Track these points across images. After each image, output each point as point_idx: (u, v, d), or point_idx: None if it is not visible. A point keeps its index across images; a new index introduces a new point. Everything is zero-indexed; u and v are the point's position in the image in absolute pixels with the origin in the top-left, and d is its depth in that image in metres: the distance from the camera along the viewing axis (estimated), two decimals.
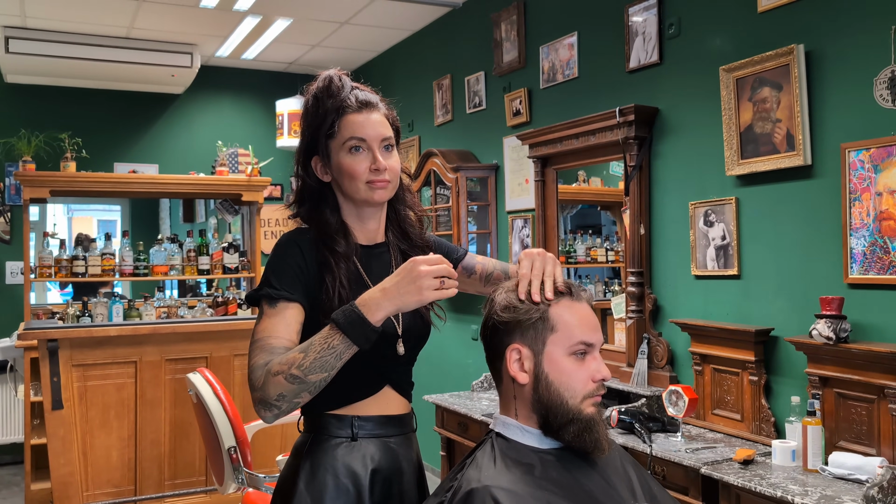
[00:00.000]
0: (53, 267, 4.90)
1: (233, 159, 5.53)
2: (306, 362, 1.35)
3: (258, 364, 1.40)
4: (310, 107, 1.58)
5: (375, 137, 1.55)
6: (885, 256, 2.46)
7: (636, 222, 3.37)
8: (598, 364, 1.38)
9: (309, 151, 1.59)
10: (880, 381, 2.38)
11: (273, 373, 1.36)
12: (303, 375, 1.34)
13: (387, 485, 1.55)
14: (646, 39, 3.40)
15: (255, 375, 1.39)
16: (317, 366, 1.34)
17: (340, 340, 1.35)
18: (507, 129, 4.42)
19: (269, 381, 1.36)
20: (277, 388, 1.36)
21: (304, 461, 1.53)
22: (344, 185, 1.56)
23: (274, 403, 1.36)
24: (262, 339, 1.44)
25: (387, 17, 5.12)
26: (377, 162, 1.53)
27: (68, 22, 5.13)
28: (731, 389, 2.92)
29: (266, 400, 1.37)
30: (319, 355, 1.35)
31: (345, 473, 1.51)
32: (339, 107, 1.54)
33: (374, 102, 1.58)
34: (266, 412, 1.38)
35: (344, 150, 1.54)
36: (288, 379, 1.35)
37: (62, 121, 5.72)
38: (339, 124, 1.54)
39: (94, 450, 3.74)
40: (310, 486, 1.50)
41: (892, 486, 2.14)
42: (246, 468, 2.87)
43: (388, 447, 1.56)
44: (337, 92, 1.55)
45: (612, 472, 1.38)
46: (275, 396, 1.36)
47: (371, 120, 1.55)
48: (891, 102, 2.45)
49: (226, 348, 3.95)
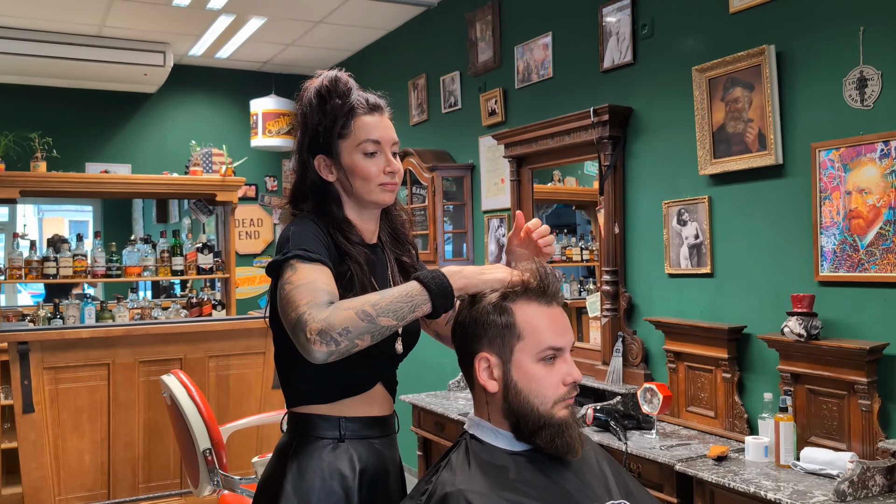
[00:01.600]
0: (24, 268, 4.83)
1: (207, 159, 5.49)
2: (382, 303, 1.32)
3: (313, 301, 1.33)
4: (315, 105, 1.57)
5: (388, 140, 1.57)
6: (855, 254, 2.49)
7: (610, 221, 3.39)
8: (569, 367, 1.38)
9: (313, 149, 1.58)
10: (850, 377, 2.41)
11: (343, 308, 1.32)
12: (375, 314, 1.31)
13: (373, 486, 1.55)
14: (620, 40, 3.42)
15: (314, 310, 1.31)
16: (391, 310, 1.32)
17: (422, 295, 1.34)
18: (483, 129, 4.43)
19: (337, 313, 1.31)
20: (345, 321, 1.30)
21: (291, 462, 1.52)
22: (356, 186, 1.56)
23: (335, 337, 1.29)
24: (307, 282, 1.37)
25: (361, 16, 5.11)
26: (392, 164, 1.56)
27: (38, 20, 5.05)
28: (704, 387, 2.95)
29: (328, 331, 1.29)
30: (396, 300, 1.33)
31: (332, 475, 1.50)
32: (350, 107, 1.55)
33: (382, 106, 1.60)
34: (323, 346, 1.29)
35: (358, 152, 1.54)
36: (359, 314, 1.31)
37: (32, 120, 5.64)
38: (353, 126, 1.55)
39: (67, 453, 3.69)
40: (297, 488, 1.49)
41: (862, 480, 2.17)
42: (221, 470, 2.85)
43: (373, 448, 1.57)
44: (346, 93, 1.56)
45: (587, 470, 1.39)
46: (340, 329, 1.29)
47: (384, 123, 1.58)
48: (860, 102, 2.48)
49: (200, 349, 3.92)
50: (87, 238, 5.30)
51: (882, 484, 2.20)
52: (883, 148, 2.40)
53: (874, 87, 2.44)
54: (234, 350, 3.99)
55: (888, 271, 2.41)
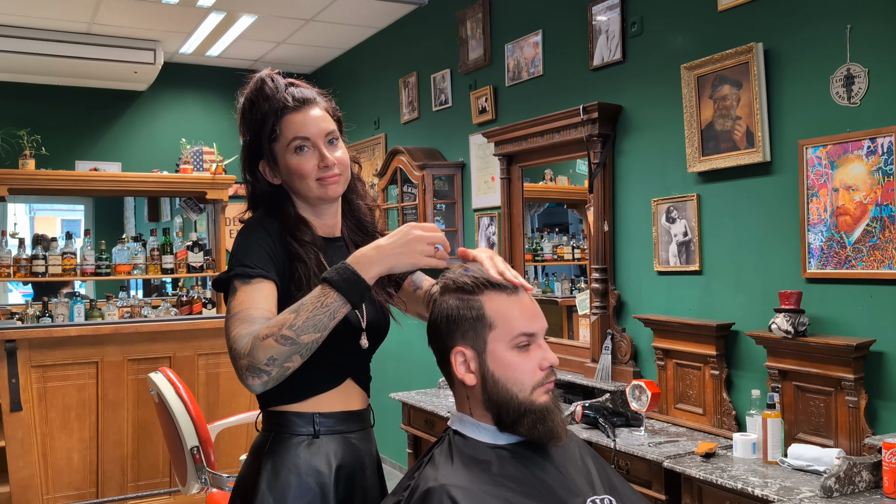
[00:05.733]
0: (12, 266, 4.81)
1: (197, 157, 5.47)
2: (298, 322, 1.31)
3: (241, 333, 1.35)
4: (247, 111, 1.55)
5: (318, 134, 1.53)
6: (842, 251, 2.50)
7: (600, 219, 3.39)
8: (544, 351, 1.38)
9: (253, 157, 1.57)
10: (837, 373, 2.42)
11: (262, 337, 1.31)
12: (295, 336, 1.30)
13: (350, 481, 1.54)
14: (609, 38, 3.42)
15: (240, 344, 1.33)
16: (309, 325, 1.31)
17: (335, 298, 1.32)
18: (473, 127, 4.43)
19: (257, 346, 1.31)
20: (267, 351, 1.30)
21: (266, 461, 1.51)
22: (295, 186, 1.54)
23: (263, 369, 1.31)
24: (241, 310, 1.39)
25: (352, 14, 5.10)
26: (325, 158, 1.52)
27: (27, 17, 5.03)
28: (693, 384, 2.96)
29: (255, 365, 1.31)
30: (312, 314, 1.31)
31: (308, 472, 1.49)
32: (277, 108, 1.52)
33: (311, 98, 1.56)
34: (254, 379, 1.32)
35: (289, 152, 1.52)
36: (279, 340, 1.30)
37: (21, 117, 5.61)
38: (280, 126, 1.52)
39: (55, 452, 3.67)
40: (272, 487, 1.48)
41: (849, 476, 2.18)
42: (209, 468, 2.84)
43: (349, 443, 1.56)
44: (272, 93, 1.53)
45: (570, 464, 1.39)
46: (265, 360, 1.30)
47: (311, 116, 1.54)
48: (847, 100, 2.49)
49: (189, 348, 3.91)
50: (79, 237, 5.27)
51: (868, 480, 2.20)
52: (870, 145, 2.41)
53: (861, 84, 2.44)
54: (223, 348, 3.92)
55: (875, 268, 2.41)
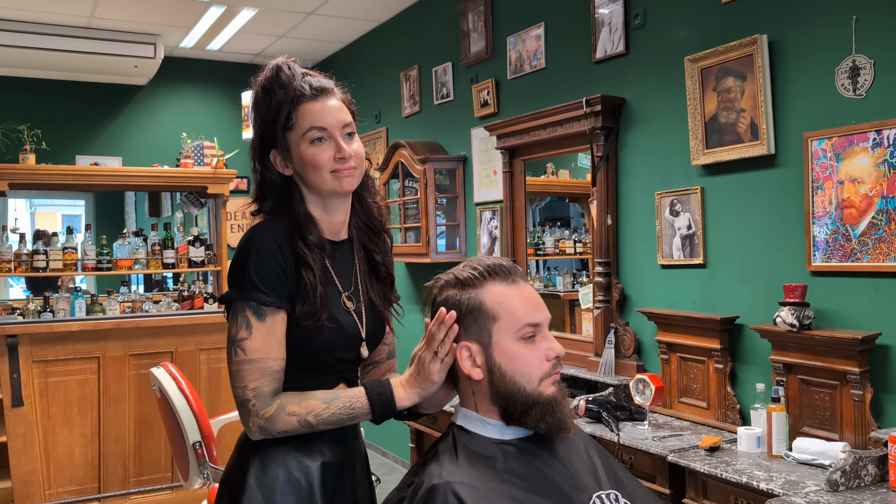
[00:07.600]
0: (13, 261, 4.79)
1: (198, 152, 5.45)
2: (324, 414, 1.41)
3: (264, 392, 1.42)
4: (260, 99, 1.51)
5: (336, 125, 1.49)
6: (847, 244, 2.49)
7: (603, 212, 3.38)
8: (550, 342, 1.36)
9: (265, 145, 1.52)
10: (842, 367, 2.41)
11: (288, 412, 1.41)
12: (315, 423, 1.41)
13: (338, 477, 1.53)
14: (612, 30, 3.40)
15: (261, 403, 1.41)
16: (332, 420, 1.42)
17: (364, 409, 1.42)
18: (475, 121, 4.41)
19: (280, 418, 1.41)
20: (286, 427, 1.41)
21: (254, 456, 1.49)
22: (308, 177, 1.49)
23: (274, 433, 1.42)
24: (258, 359, 1.44)
25: (353, 7, 5.08)
26: (342, 150, 1.48)
27: (27, 11, 5.01)
28: (697, 377, 2.94)
29: (269, 430, 1.42)
30: (339, 411, 1.42)
31: (296, 467, 1.48)
32: (293, 96, 1.48)
33: (329, 88, 1.52)
34: (260, 436, 1.43)
35: (305, 142, 1.48)
36: (301, 423, 1.41)
37: (21, 112, 5.59)
38: (297, 115, 1.48)
39: (57, 447, 3.67)
40: (260, 482, 1.46)
41: (855, 470, 2.17)
42: (211, 463, 2.83)
43: (338, 440, 1.54)
44: (288, 81, 1.49)
45: (576, 460, 1.37)
46: (279, 431, 1.42)
47: (329, 106, 1.49)
48: (852, 91, 2.47)
49: (191, 342, 3.90)
50: (80, 232, 5.25)
51: (874, 473, 2.19)
52: (875, 137, 2.39)
53: (867, 75, 2.43)
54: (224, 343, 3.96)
55: (880, 261, 2.40)
